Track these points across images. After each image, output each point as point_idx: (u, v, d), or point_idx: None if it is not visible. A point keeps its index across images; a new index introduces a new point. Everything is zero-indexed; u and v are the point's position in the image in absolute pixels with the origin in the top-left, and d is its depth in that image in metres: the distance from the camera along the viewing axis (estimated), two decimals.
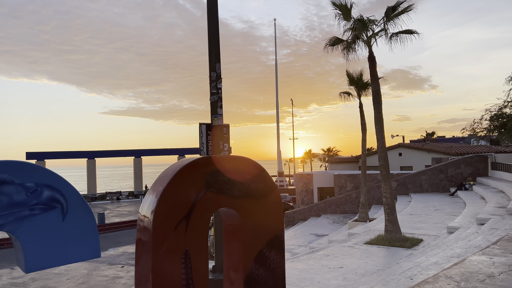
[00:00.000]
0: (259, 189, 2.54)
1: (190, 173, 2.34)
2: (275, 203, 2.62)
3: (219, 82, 5.30)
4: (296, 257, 10.96)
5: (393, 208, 12.48)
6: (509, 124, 20.18)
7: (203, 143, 5.41)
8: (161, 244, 2.19)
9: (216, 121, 5.32)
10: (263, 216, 2.58)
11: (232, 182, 2.45)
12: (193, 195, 2.33)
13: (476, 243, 7.92)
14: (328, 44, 14.06)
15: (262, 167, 2.61)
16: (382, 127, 12.80)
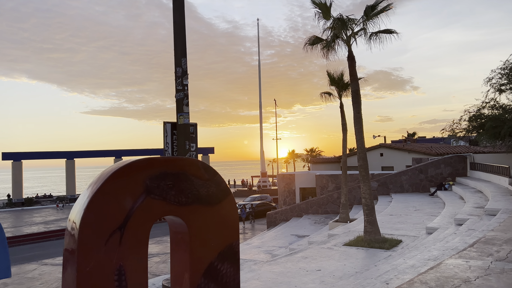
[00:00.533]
0: (210, 194, 2.26)
1: (125, 177, 2.04)
2: (230, 210, 2.34)
3: (185, 78, 4.99)
4: (274, 259, 10.72)
5: (372, 209, 12.37)
6: (488, 124, 20.37)
7: (167, 143, 5.09)
8: (88, 260, 1.89)
9: (182, 120, 5.00)
10: (215, 224, 2.30)
11: (178, 187, 2.16)
12: (129, 202, 2.03)
13: (453, 244, 7.82)
14: (307, 43, 13.88)
15: (215, 170, 2.33)
16: (362, 127, 12.68)
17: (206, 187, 2.26)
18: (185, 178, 2.19)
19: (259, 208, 37.78)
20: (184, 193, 2.18)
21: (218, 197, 2.30)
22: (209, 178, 2.27)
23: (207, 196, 2.26)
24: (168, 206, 2.16)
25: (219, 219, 2.31)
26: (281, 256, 11.66)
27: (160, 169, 2.14)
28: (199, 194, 2.22)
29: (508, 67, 21.05)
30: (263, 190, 57.47)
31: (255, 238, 24.76)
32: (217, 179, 2.31)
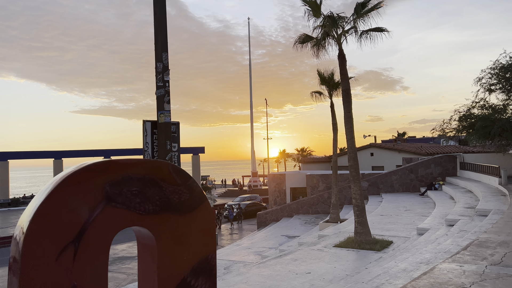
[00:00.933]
0: (183, 201, 1.99)
1: (81, 182, 1.76)
2: (205, 219, 2.07)
3: (166, 74, 4.71)
4: (263, 262, 10.48)
5: (362, 210, 12.19)
6: (478, 124, 20.36)
7: (147, 143, 4.80)
8: (35, 280, 1.61)
9: (163, 118, 4.72)
10: (188, 235, 2.03)
11: (144, 193, 1.90)
12: (85, 212, 1.75)
13: (445, 247, 7.65)
14: (297, 41, 13.66)
15: (188, 174, 2.05)
16: (352, 126, 12.49)
17: (177, 194, 1.99)
18: (152, 183, 1.91)
19: (249, 208, 37.53)
20: (152, 200, 1.90)
21: (191, 205, 2.03)
22: (181, 183, 2.00)
23: (179, 203, 1.98)
24: (133, 216, 1.88)
25: (193, 229, 2.04)
26: (271, 258, 11.42)
27: (123, 173, 1.86)
28: (169, 202, 1.94)
29: (498, 67, 21.07)
30: (253, 190, 57.23)
31: (245, 239, 24.51)
32: (190, 184, 2.03)
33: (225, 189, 65.89)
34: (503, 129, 19.52)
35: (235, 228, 31.75)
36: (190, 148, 64.22)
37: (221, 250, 21.37)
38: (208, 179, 76.12)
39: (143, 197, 1.88)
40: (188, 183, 2.02)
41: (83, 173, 1.78)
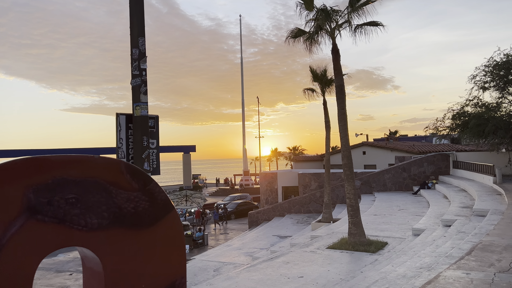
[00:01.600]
0: (140, 212, 1.52)
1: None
2: (171, 233, 1.59)
3: (143, 61, 4.20)
4: (254, 265, 10.01)
5: (357, 210, 11.79)
6: (472, 122, 20.11)
7: (121, 139, 4.28)
8: None
9: (139, 111, 4.21)
10: (147, 256, 1.56)
11: (85, 202, 1.42)
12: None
13: (445, 250, 7.25)
14: (290, 36, 13.21)
15: (148, 176, 1.56)
16: (346, 124, 12.08)
17: (133, 202, 1.51)
18: (97, 189, 1.43)
19: (240, 207, 37.06)
20: (96, 211, 1.42)
21: (152, 216, 1.55)
22: (139, 188, 1.52)
23: (135, 215, 1.50)
24: (69, 233, 1.39)
25: (154, 248, 1.56)
26: (261, 260, 10.96)
27: (54, 174, 1.38)
28: (122, 213, 1.47)
29: (492, 65, 20.84)
30: (245, 189, 56.75)
31: (236, 239, 24.04)
32: (151, 189, 1.55)
33: (216, 188, 65.32)
34: (497, 127, 19.29)
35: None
36: (180, 146, 63.48)
37: (211, 251, 20.87)
38: (199, 178, 75.43)
39: (84, 207, 1.40)
40: (148, 188, 1.53)
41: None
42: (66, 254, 24.55)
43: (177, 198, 26.35)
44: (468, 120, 21.34)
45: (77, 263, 21.98)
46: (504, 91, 20.95)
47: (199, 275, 14.23)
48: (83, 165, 1.46)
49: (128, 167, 1.50)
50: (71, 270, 20.57)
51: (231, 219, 35.72)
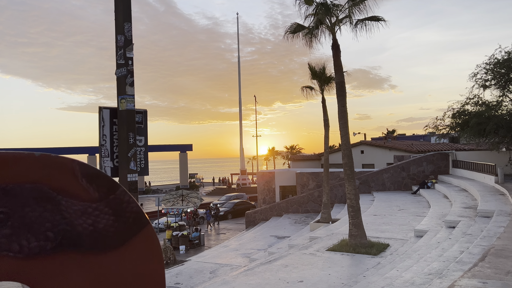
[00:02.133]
0: (101, 230, 1.13)
1: None
2: (145, 256, 1.21)
3: (129, 49, 3.76)
4: (251, 269, 9.62)
5: (358, 211, 11.42)
6: (472, 121, 19.77)
7: (104, 136, 3.85)
8: None
9: (125, 104, 3.78)
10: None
11: (17, 218, 1.03)
12: None
13: (453, 254, 6.89)
14: (288, 31, 12.81)
15: (113, 180, 1.15)
16: (347, 122, 11.70)
17: (91, 216, 1.11)
18: (38, 199, 1.04)
19: (237, 207, 36.68)
20: (36, 230, 1.03)
21: (119, 235, 1.15)
22: (100, 197, 1.13)
23: (95, 234, 1.11)
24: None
25: (122, 277, 1.18)
26: (259, 264, 10.56)
27: None
28: (75, 231, 1.07)
29: (493, 62, 20.52)
30: (242, 188, 56.35)
31: (232, 239, 23.64)
32: (118, 198, 1.15)
33: (213, 187, 64.89)
34: (498, 126, 18.97)
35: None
36: (177, 145, 63.09)
37: (207, 251, 20.48)
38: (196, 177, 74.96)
39: (17, 225, 1.01)
40: (114, 197, 1.14)
41: None
42: None
43: (173, 197, 25.91)
44: (468, 118, 21.02)
45: None
46: (505, 90, 20.64)
47: (195, 277, 13.83)
48: (16, 165, 1.05)
49: (84, 168, 1.09)
50: None
51: (228, 218, 35.33)
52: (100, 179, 1.15)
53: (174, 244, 23.31)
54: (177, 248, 22.70)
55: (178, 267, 15.34)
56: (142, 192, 57.23)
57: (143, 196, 55.47)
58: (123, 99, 3.85)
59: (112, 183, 1.17)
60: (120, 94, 3.87)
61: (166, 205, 25.86)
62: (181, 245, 22.72)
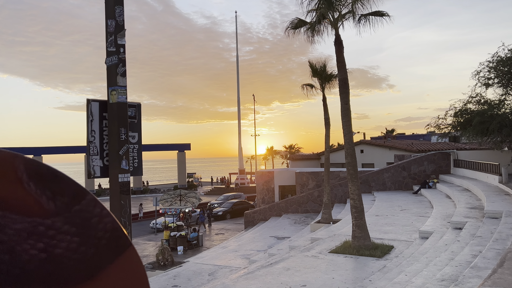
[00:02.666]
0: (60, 258, 0.79)
1: None
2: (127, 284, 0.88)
3: (120, 35, 3.40)
4: (252, 272, 9.26)
5: (361, 212, 11.08)
6: (475, 120, 19.45)
7: (93, 131, 3.49)
8: None
9: (116, 97, 3.42)
10: None
11: None
12: None
13: (465, 258, 6.55)
14: (289, 27, 12.48)
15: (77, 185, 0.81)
16: (350, 120, 11.36)
17: (44, 238, 0.76)
18: None
19: (236, 206, 36.33)
20: None
21: (88, 263, 0.81)
22: (58, 210, 0.78)
23: (48, 263, 0.77)
24: None
25: None
26: (260, 266, 10.21)
27: None
28: (19, 260, 0.74)
29: (496, 61, 20.21)
30: (241, 187, 55.99)
31: (232, 240, 23.28)
32: (86, 210, 0.81)
33: (211, 187, 64.50)
34: (502, 125, 18.66)
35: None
36: (175, 144, 62.67)
37: (206, 252, 20.11)
38: (194, 176, 74.58)
39: None
40: (79, 209, 0.77)
41: None
42: None
43: (171, 197, 25.54)
44: (471, 117, 20.71)
45: None
46: (508, 88, 20.33)
47: (193, 279, 13.47)
48: None
49: (32, 167, 0.74)
50: None
51: (226, 218, 34.97)
52: (58, 183, 0.79)
53: (172, 244, 22.95)
54: (175, 249, 22.34)
55: (176, 269, 14.97)
56: (140, 191, 56.80)
57: (141, 196, 55.06)
58: (113, 90, 3.47)
59: (76, 188, 0.81)
60: (111, 85, 3.50)
61: (164, 205, 25.49)
62: (179, 245, 22.35)
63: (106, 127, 3.57)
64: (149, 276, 14.85)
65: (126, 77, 3.46)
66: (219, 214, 35.06)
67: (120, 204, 3.73)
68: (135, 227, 33.53)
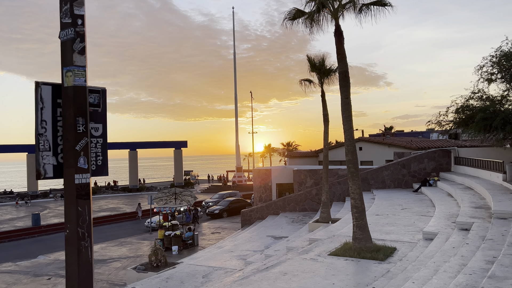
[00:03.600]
0: None
1: None
2: None
3: (77, 4, 2.79)
4: (246, 277, 8.69)
5: (362, 212, 10.52)
6: (478, 116, 18.87)
7: (44, 122, 2.87)
8: None
9: (71, 79, 2.78)
10: None
11: None
12: None
13: (478, 264, 5.99)
14: (287, 17, 11.86)
15: None
16: (351, 115, 10.78)
17: None
18: None
19: (233, 205, 35.79)
20: None
21: None
22: None
23: None
24: None
25: None
26: (255, 270, 9.64)
27: None
28: None
29: (499, 55, 19.64)
30: (238, 185, 55.43)
31: (228, 239, 22.72)
32: None
33: (208, 185, 63.92)
34: (506, 122, 18.10)
35: (220, 225, 29.64)
36: (171, 142, 62.05)
37: (201, 253, 19.55)
38: (191, 174, 74.02)
39: None
40: None
41: None
42: (47, 256, 23.10)
43: (166, 196, 24.94)
44: (473, 114, 20.15)
45: (57, 265, 20.55)
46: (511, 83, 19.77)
47: (187, 282, 12.90)
48: None
49: None
50: (49, 274, 19.14)
51: (223, 217, 34.42)
52: None
53: (166, 244, 22.39)
54: (169, 249, 21.78)
55: (169, 270, 14.39)
56: (136, 189, 56.15)
57: (137, 193, 54.41)
58: (69, 71, 2.83)
59: None
60: (66, 65, 2.84)
61: (159, 204, 24.89)
62: (174, 245, 21.78)
63: (60, 116, 2.95)
64: (141, 278, 14.25)
65: (86, 55, 2.84)
66: (216, 213, 34.52)
67: (77, 212, 3.13)
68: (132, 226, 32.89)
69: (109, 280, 17.70)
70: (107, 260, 21.10)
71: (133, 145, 58.32)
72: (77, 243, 3.18)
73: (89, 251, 3.14)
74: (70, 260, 3.24)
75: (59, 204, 47.45)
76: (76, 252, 3.15)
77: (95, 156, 3.33)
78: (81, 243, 3.18)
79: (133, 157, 57.65)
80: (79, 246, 3.19)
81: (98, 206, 43.40)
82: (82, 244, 3.17)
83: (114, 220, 35.75)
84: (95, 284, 17.28)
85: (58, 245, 26.07)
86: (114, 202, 46.83)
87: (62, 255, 22.58)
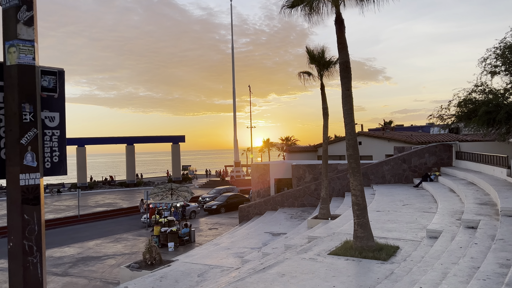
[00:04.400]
0: None
1: None
2: None
3: None
4: (242, 279, 8.22)
5: (364, 209, 10.06)
6: (481, 109, 18.41)
7: None
8: None
9: (15, 56, 2.27)
10: None
11: None
12: None
13: (491, 267, 5.53)
14: (286, 5, 11.33)
15: None
16: (352, 108, 10.28)
17: None
18: None
19: (231, 200, 35.34)
20: None
21: None
22: None
23: None
24: None
25: None
26: (252, 271, 9.18)
27: None
28: None
29: (503, 47, 19.13)
30: (236, 180, 54.97)
31: (225, 236, 22.28)
32: None
33: (206, 180, 63.46)
34: (510, 115, 17.65)
35: (218, 221, 29.31)
36: (169, 136, 61.47)
37: (197, 250, 19.10)
38: (189, 169, 73.53)
39: None
40: None
41: None
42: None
43: (162, 191, 24.47)
44: (475, 107, 19.69)
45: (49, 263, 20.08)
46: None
47: (181, 281, 12.46)
48: None
49: None
50: None
51: (221, 212, 33.99)
52: None
53: (162, 241, 21.94)
54: (165, 245, 21.34)
55: (164, 269, 13.95)
56: (133, 184, 55.66)
57: (134, 188, 53.92)
58: (12, 46, 2.28)
59: None
60: (8, 38, 2.29)
61: (155, 199, 24.43)
62: (170, 242, 21.34)
63: (2, 102, 2.42)
64: (135, 276, 13.80)
65: (35, 28, 2.31)
66: (213, 208, 34.11)
67: (23, 220, 2.58)
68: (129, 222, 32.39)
69: (103, 278, 17.26)
70: (102, 257, 20.66)
71: (130, 140, 57.76)
72: (22, 259, 2.56)
73: (38, 268, 2.58)
74: (14, 280, 2.67)
75: (54, 199, 46.95)
76: (21, 270, 2.58)
77: (50, 152, 2.77)
78: (27, 258, 2.56)
79: (130, 152, 57.11)
80: (25, 262, 2.56)
81: (95, 201, 42.93)
82: (29, 260, 2.56)
83: (110, 216, 35.26)
84: (89, 282, 16.83)
85: (54, 241, 25.52)
86: (111, 197, 46.34)
87: (55, 251, 22.13)
